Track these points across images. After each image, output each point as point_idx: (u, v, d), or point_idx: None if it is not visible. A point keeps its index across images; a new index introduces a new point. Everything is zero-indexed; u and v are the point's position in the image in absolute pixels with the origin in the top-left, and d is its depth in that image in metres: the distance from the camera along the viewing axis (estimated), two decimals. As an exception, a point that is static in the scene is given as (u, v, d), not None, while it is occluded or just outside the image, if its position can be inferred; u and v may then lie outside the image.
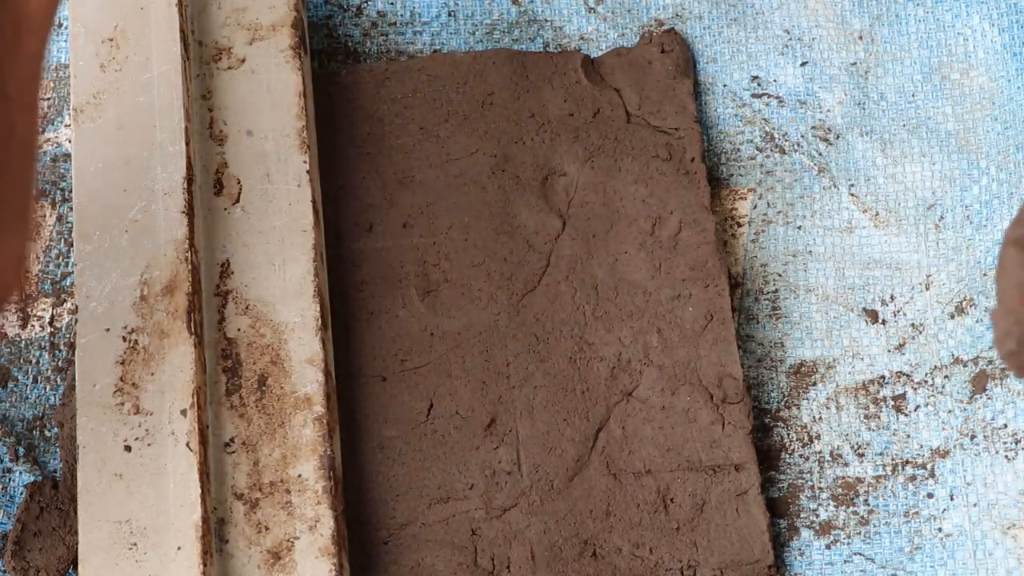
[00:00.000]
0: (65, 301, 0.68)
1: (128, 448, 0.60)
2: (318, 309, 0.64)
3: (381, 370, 0.66)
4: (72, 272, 0.68)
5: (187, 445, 0.60)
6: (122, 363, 0.62)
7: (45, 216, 0.69)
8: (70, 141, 0.69)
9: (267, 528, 0.60)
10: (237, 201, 0.66)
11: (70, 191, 0.68)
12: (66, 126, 0.71)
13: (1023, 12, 0.73)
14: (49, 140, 0.71)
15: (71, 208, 0.68)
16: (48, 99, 0.71)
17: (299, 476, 0.61)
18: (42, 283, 0.68)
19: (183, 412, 0.60)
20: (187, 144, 0.65)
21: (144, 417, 0.61)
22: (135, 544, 0.59)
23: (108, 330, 0.62)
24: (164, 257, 0.63)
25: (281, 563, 0.60)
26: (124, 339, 0.62)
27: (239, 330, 0.64)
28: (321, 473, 0.62)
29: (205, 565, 0.58)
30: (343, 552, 0.61)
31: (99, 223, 0.63)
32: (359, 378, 0.66)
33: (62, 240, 0.69)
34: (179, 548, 0.59)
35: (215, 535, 0.60)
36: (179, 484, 0.59)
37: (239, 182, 0.66)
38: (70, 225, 0.68)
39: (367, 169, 0.70)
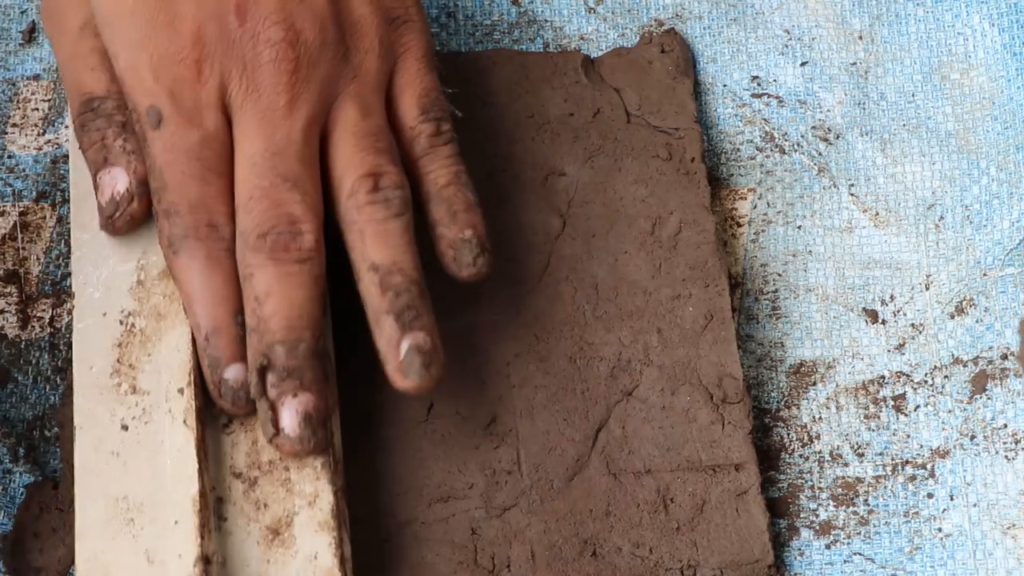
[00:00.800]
0: (65, 302, 0.68)
1: (125, 427, 0.60)
2: None
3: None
4: (72, 273, 0.68)
5: (184, 422, 0.59)
6: (119, 345, 0.61)
7: (45, 217, 0.69)
8: (69, 141, 0.69)
9: (266, 505, 0.60)
10: None
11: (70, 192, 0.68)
12: (66, 127, 0.71)
13: (1023, 12, 0.74)
14: (49, 141, 0.71)
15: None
16: (48, 99, 0.72)
17: None
18: (42, 284, 0.68)
19: (180, 391, 0.60)
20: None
21: (141, 396, 0.60)
22: (132, 519, 0.58)
23: (105, 315, 0.62)
24: None
25: (280, 538, 0.59)
26: (121, 322, 0.61)
27: None
28: None
29: (203, 538, 0.58)
30: (343, 527, 0.60)
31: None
32: (360, 377, 0.66)
33: (62, 241, 0.69)
34: (176, 522, 0.58)
35: (213, 513, 0.59)
36: (176, 460, 0.59)
37: None
38: (70, 226, 0.68)
39: (367, 169, 0.70)
